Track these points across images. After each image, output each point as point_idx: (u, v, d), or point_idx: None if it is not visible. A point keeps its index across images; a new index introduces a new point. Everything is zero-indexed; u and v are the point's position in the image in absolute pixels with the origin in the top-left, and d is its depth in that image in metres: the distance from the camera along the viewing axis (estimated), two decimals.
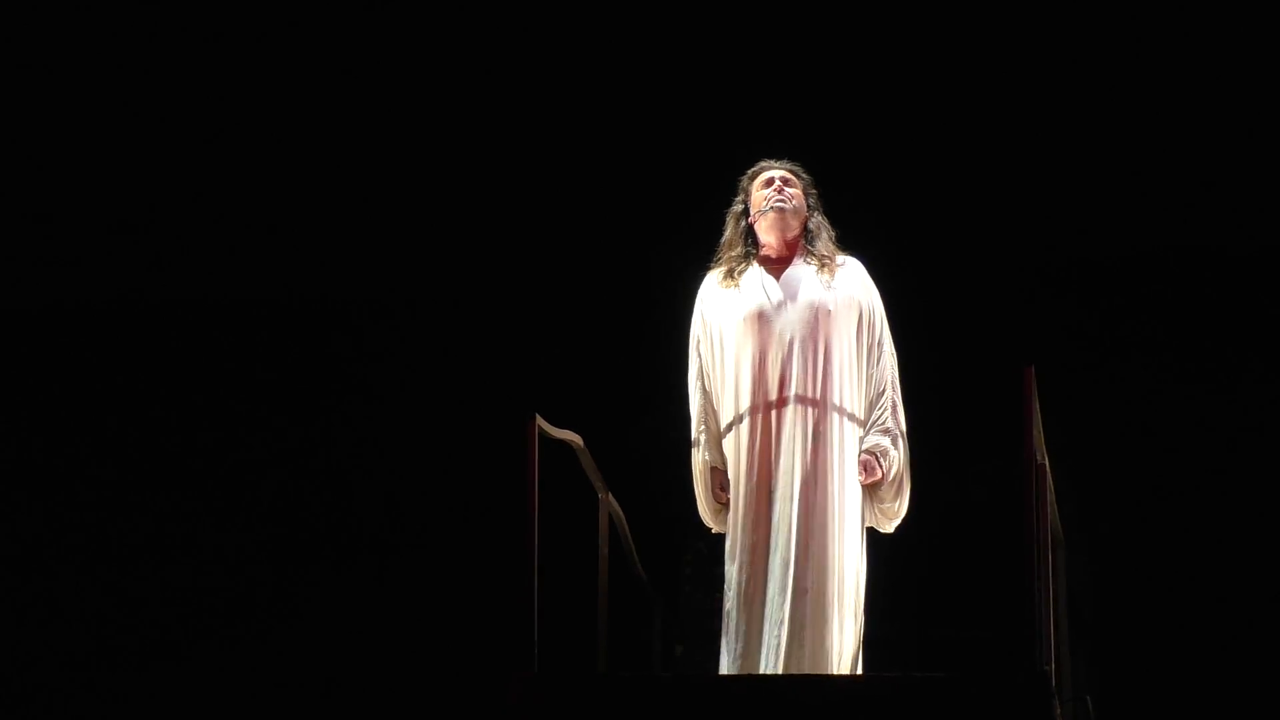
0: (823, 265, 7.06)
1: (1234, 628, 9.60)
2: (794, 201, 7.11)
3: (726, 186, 7.28)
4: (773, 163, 7.22)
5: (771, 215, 7.08)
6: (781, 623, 6.78)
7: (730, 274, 7.10)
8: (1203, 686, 9.56)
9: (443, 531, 9.97)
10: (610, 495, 7.62)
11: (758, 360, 6.98)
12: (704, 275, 7.21)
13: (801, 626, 6.78)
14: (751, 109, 9.97)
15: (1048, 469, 6.48)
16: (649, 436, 9.44)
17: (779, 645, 6.77)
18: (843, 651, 6.83)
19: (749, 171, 7.22)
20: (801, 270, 7.07)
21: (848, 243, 7.24)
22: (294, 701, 9.80)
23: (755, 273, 7.09)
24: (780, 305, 7.01)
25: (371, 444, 10.13)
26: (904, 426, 7.05)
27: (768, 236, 7.12)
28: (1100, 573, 9.81)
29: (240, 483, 10.10)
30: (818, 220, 7.17)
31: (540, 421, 6.63)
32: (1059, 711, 6.25)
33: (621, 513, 7.80)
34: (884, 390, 7.05)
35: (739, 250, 7.14)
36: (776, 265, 7.11)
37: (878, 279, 7.20)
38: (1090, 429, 9.80)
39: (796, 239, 7.14)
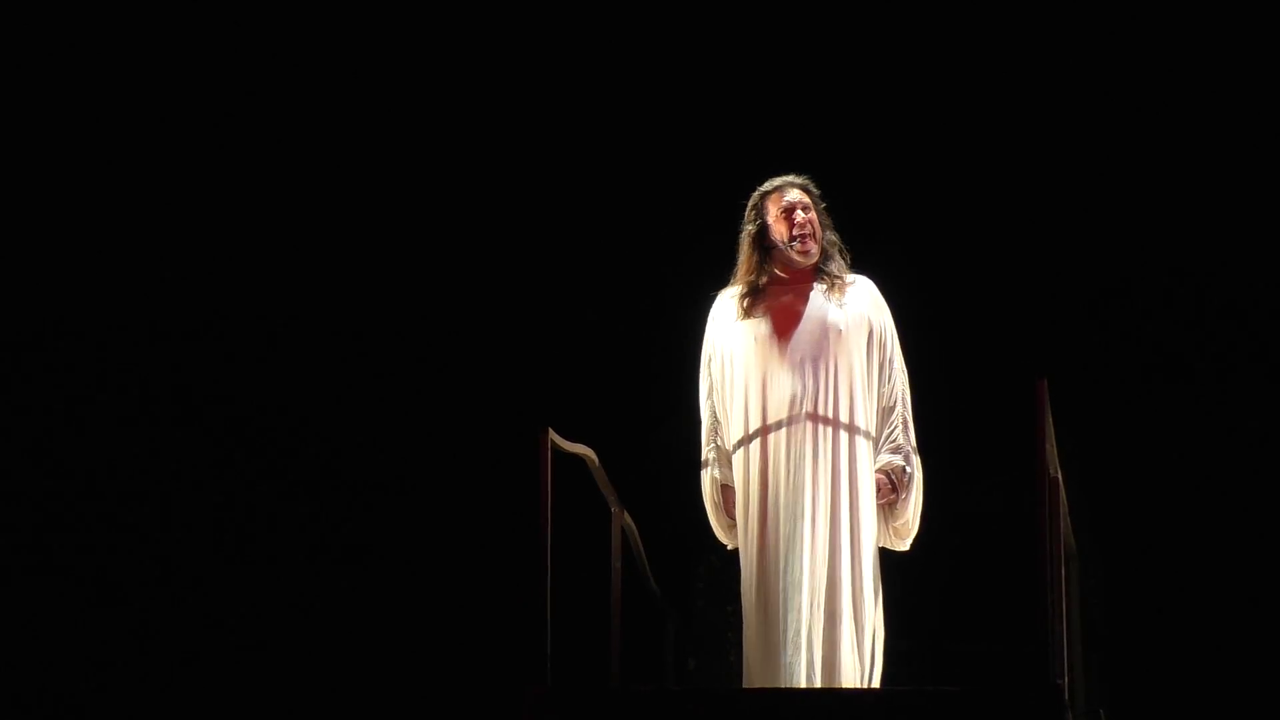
0: (834, 285, 7.07)
1: (1249, 641, 9.58)
2: (814, 229, 7.11)
3: (741, 202, 7.26)
4: (786, 181, 7.17)
5: (795, 251, 7.08)
6: (800, 641, 6.78)
7: (743, 295, 7.11)
8: (1217, 700, 9.54)
9: (455, 545, 9.97)
10: (623, 509, 7.62)
11: (768, 380, 6.99)
12: (717, 293, 7.22)
13: (822, 644, 6.78)
14: (764, 124, 9.97)
15: (1061, 482, 6.47)
16: (662, 450, 9.44)
17: (798, 663, 6.77)
18: (854, 670, 6.83)
19: (761, 189, 7.18)
20: (813, 290, 7.08)
21: (860, 257, 7.25)
22: (307, 715, 9.80)
23: (768, 293, 7.10)
24: (792, 325, 7.02)
25: (384, 457, 10.13)
26: (915, 443, 7.06)
27: (790, 261, 7.11)
28: (1114, 586, 9.80)
29: (254, 495, 10.10)
30: (830, 239, 7.16)
31: (553, 435, 6.63)
32: None
33: (634, 526, 7.80)
34: (895, 407, 7.05)
35: (753, 272, 7.13)
36: (789, 285, 7.11)
37: (890, 293, 7.20)
38: (1103, 442, 9.78)
39: (815, 258, 7.14)
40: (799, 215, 7.08)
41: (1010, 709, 6.03)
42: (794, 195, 7.13)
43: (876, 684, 6.88)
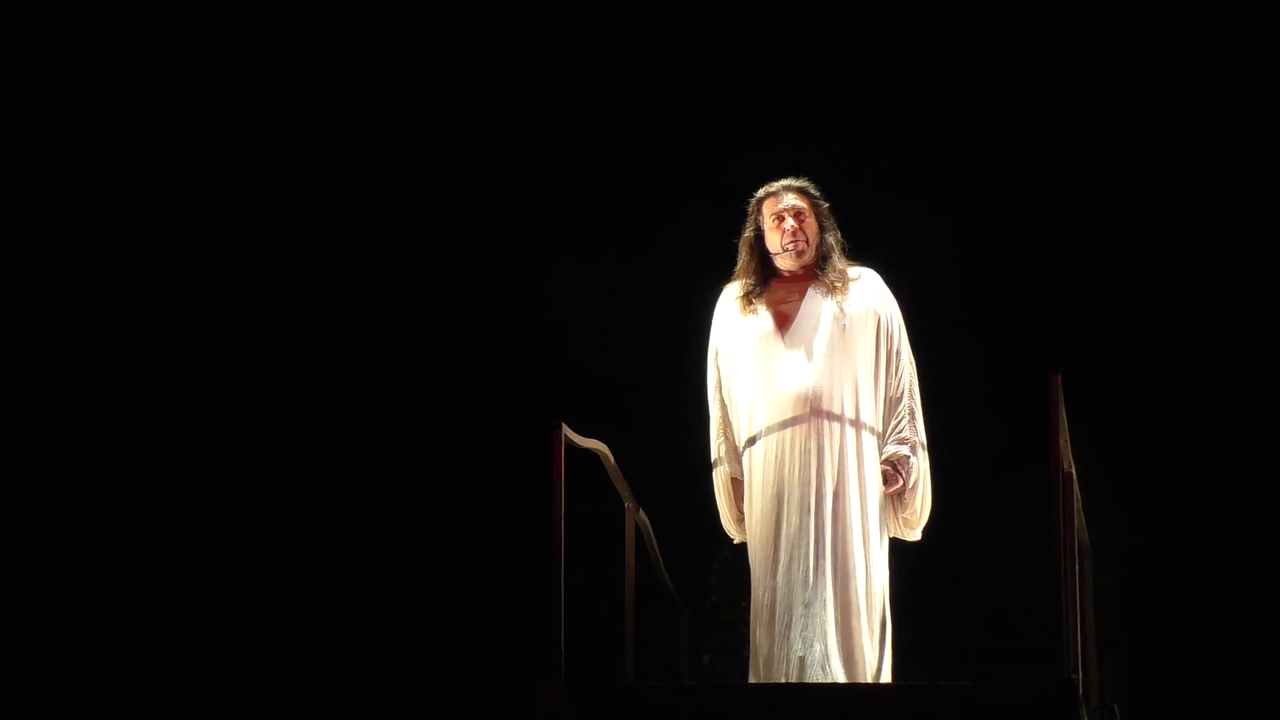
0: (836, 281, 7.07)
1: (1261, 636, 9.58)
2: (809, 236, 7.11)
3: (753, 193, 7.26)
4: (779, 185, 7.17)
5: (788, 257, 7.10)
6: (804, 635, 6.79)
7: (747, 294, 7.12)
8: (1230, 695, 9.54)
9: (469, 540, 9.98)
10: (637, 504, 7.63)
11: (773, 376, 7.00)
12: (722, 288, 7.22)
13: (839, 637, 6.79)
14: (776, 119, 9.97)
15: (1074, 477, 6.47)
16: (675, 445, 9.44)
17: (803, 658, 6.78)
18: (872, 662, 6.84)
19: (757, 195, 7.19)
20: (817, 286, 7.09)
21: (872, 248, 7.24)
22: (320, 712, 9.81)
23: (770, 289, 7.11)
24: (795, 321, 7.03)
25: (399, 453, 10.14)
26: (923, 435, 7.07)
27: (784, 266, 7.14)
28: (1127, 581, 9.80)
29: (265, 492, 10.11)
30: (829, 240, 7.15)
31: (567, 430, 6.63)
32: None
33: (648, 522, 7.80)
34: (901, 398, 7.06)
35: (752, 275, 7.15)
36: (792, 282, 7.12)
37: (903, 288, 7.20)
38: (1117, 436, 9.78)
39: (811, 259, 7.15)
40: (789, 223, 7.09)
41: (1023, 703, 6.04)
42: (787, 200, 7.13)
43: (887, 677, 6.89)
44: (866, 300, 7.08)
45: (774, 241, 7.10)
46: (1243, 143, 9.81)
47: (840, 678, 6.75)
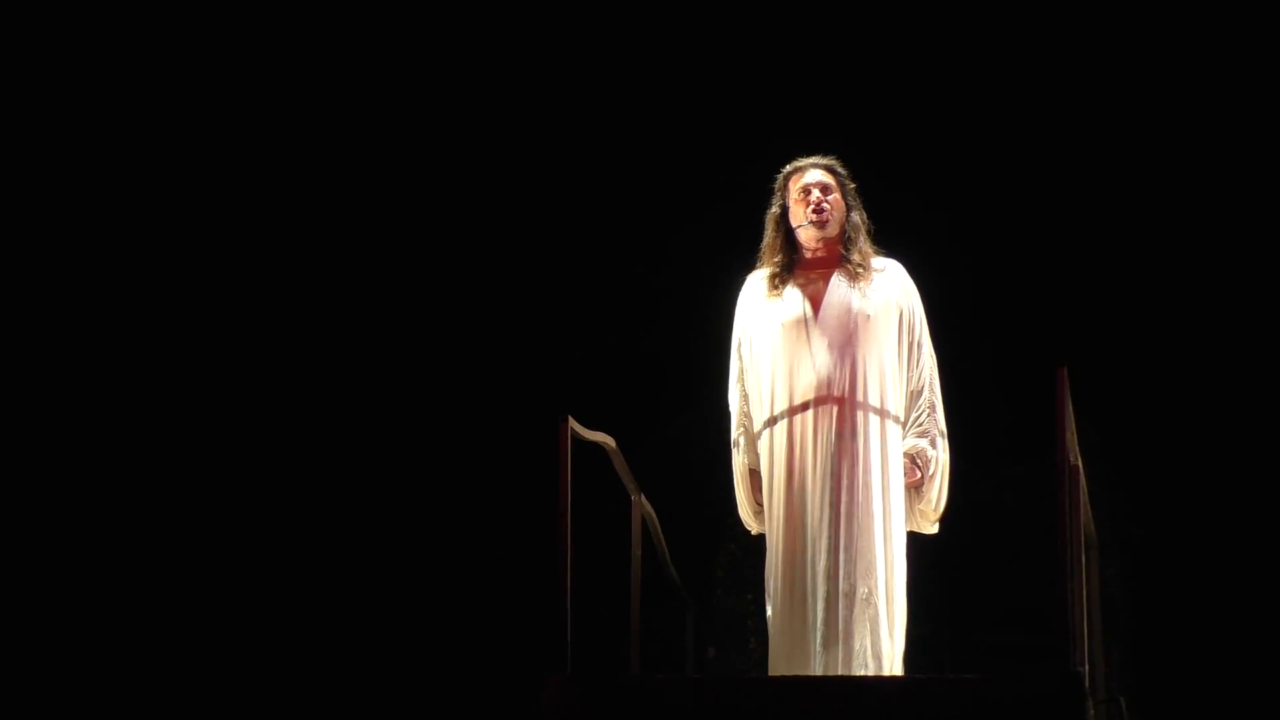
0: (861, 268, 7.07)
1: (1267, 628, 9.58)
2: (834, 210, 7.11)
3: (765, 186, 7.27)
4: (808, 162, 7.19)
5: (812, 229, 7.09)
6: (825, 626, 6.79)
7: (772, 278, 7.11)
8: (1237, 688, 9.54)
9: (476, 534, 9.98)
10: (643, 497, 7.63)
11: (797, 364, 6.99)
12: (744, 277, 7.22)
13: (848, 629, 6.79)
14: (789, 110, 9.97)
15: (1081, 470, 6.47)
16: (682, 438, 9.44)
17: (824, 648, 6.78)
18: (889, 653, 6.85)
19: (784, 171, 7.20)
20: (841, 273, 7.08)
21: (882, 242, 7.24)
22: (327, 704, 9.82)
23: (796, 277, 7.10)
24: (820, 310, 7.02)
25: (405, 446, 10.14)
26: (943, 427, 7.07)
27: (808, 241, 7.13)
28: (1133, 573, 9.80)
29: (271, 488, 10.11)
30: (855, 220, 7.15)
31: (573, 423, 6.63)
32: (1092, 713, 6.25)
33: (654, 514, 7.80)
34: (922, 391, 7.06)
35: (780, 255, 7.14)
36: (817, 268, 7.12)
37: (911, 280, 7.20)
38: (1124, 429, 9.78)
39: (836, 239, 7.14)
40: (814, 194, 7.09)
41: (1030, 696, 6.03)
42: (813, 175, 7.15)
43: (899, 669, 6.89)
44: (890, 292, 7.08)
45: (798, 214, 7.10)
46: (1246, 137, 9.80)
47: (857, 669, 6.74)
